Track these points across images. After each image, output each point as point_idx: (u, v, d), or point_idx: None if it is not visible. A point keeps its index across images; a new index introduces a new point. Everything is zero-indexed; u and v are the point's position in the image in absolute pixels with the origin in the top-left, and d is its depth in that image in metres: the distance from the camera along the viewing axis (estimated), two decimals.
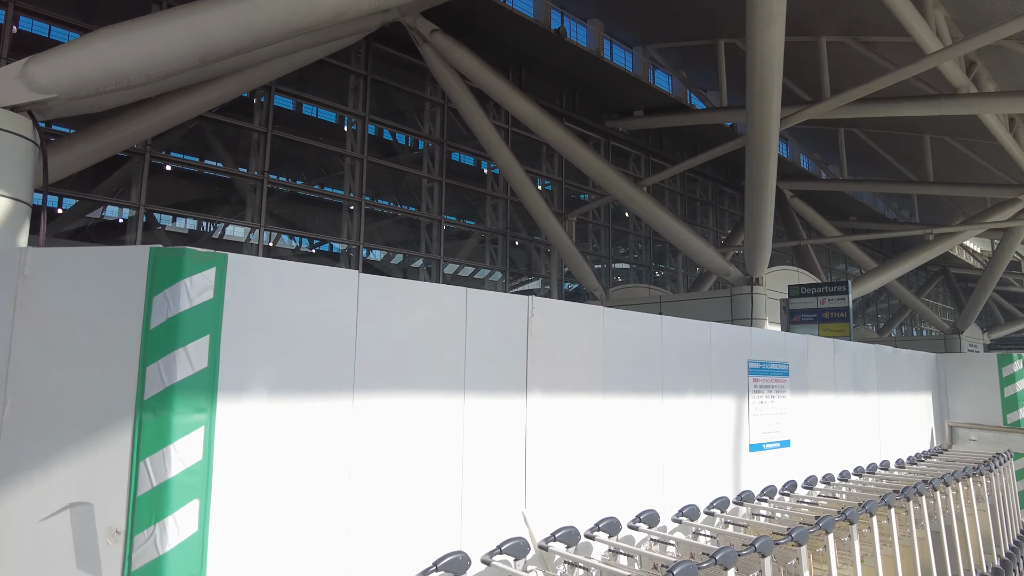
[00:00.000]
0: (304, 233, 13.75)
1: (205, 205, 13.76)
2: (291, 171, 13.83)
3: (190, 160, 12.17)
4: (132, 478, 2.24)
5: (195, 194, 14.03)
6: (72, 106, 6.86)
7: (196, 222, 13.99)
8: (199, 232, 13.92)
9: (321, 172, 15.76)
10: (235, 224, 13.00)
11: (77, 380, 2.37)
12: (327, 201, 14.92)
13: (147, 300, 2.31)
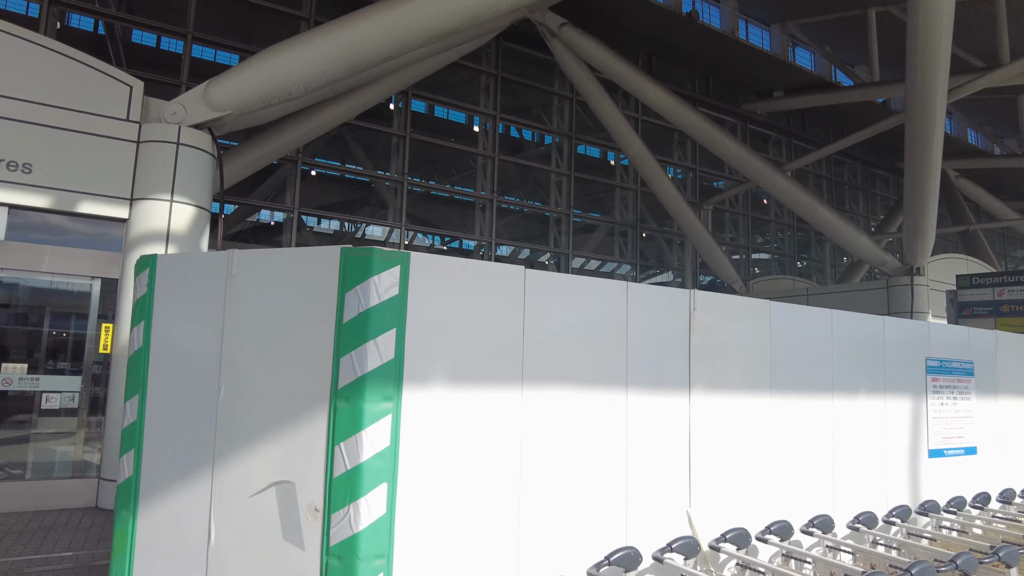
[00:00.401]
0: (439, 231, 14.30)
1: (347, 207, 14.71)
2: (425, 172, 14.43)
3: (335, 165, 13.02)
4: (328, 461, 2.45)
5: (338, 196, 15.04)
6: (240, 121, 7.58)
7: (339, 223, 14.99)
8: (341, 232, 14.91)
9: (452, 172, 16.33)
10: (378, 224, 13.79)
11: (279, 369, 2.62)
12: (457, 200, 15.45)
13: (340, 296, 2.51)
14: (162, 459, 2.80)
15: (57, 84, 6.63)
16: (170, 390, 2.82)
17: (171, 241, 6.78)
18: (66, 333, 7.54)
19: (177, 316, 2.83)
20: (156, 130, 6.86)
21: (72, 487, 6.64)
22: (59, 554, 5.33)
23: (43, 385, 6.61)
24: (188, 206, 6.88)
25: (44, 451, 7.10)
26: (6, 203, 6.42)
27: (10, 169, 6.40)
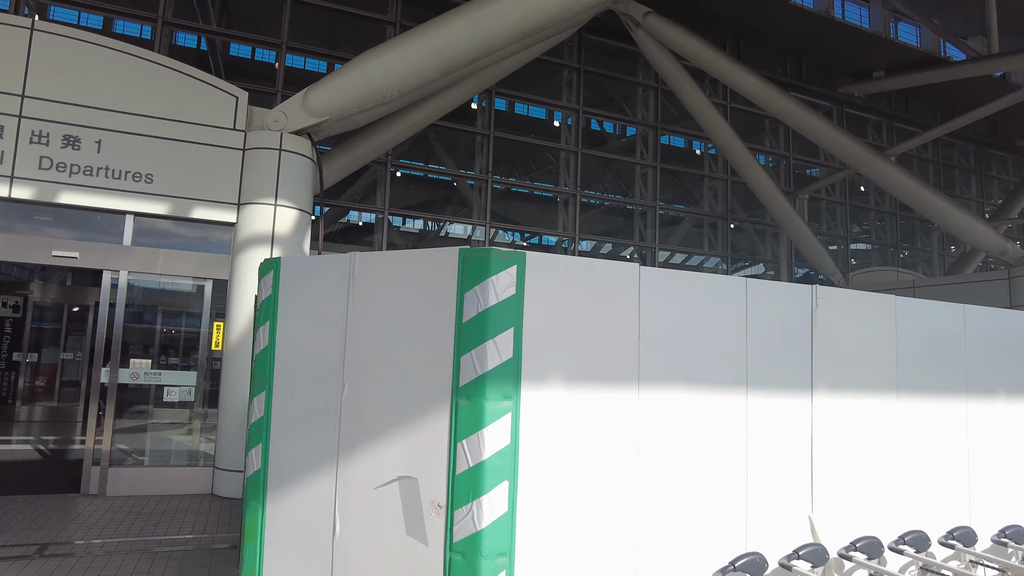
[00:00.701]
0: (520, 227, 14.35)
1: (431, 206, 15.00)
2: (505, 170, 14.49)
3: (420, 165, 13.28)
4: (451, 458, 2.49)
5: (423, 196, 15.36)
6: (337, 126, 7.85)
7: (422, 222, 15.32)
8: (424, 231, 15.23)
9: (532, 168, 16.34)
10: (461, 222, 14.00)
11: (400, 367, 2.69)
12: (537, 195, 15.45)
13: (459, 296, 2.55)
14: (288, 453, 2.94)
15: (173, 99, 7.09)
16: (295, 387, 2.95)
17: (276, 243, 7.12)
18: (183, 331, 8.08)
19: (301, 316, 2.95)
20: (260, 137, 7.22)
21: (190, 474, 7.12)
22: (183, 536, 5.72)
23: (164, 379, 7.11)
24: (291, 209, 7.21)
25: (166, 441, 7.64)
26: (132, 211, 6.94)
27: (135, 180, 6.90)
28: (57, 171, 6.68)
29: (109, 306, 6.88)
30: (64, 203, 6.72)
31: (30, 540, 5.34)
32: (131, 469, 6.98)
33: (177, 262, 7.14)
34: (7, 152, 6.55)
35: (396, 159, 12.52)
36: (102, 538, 5.50)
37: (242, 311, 7.02)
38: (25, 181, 6.59)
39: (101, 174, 6.81)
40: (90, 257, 6.86)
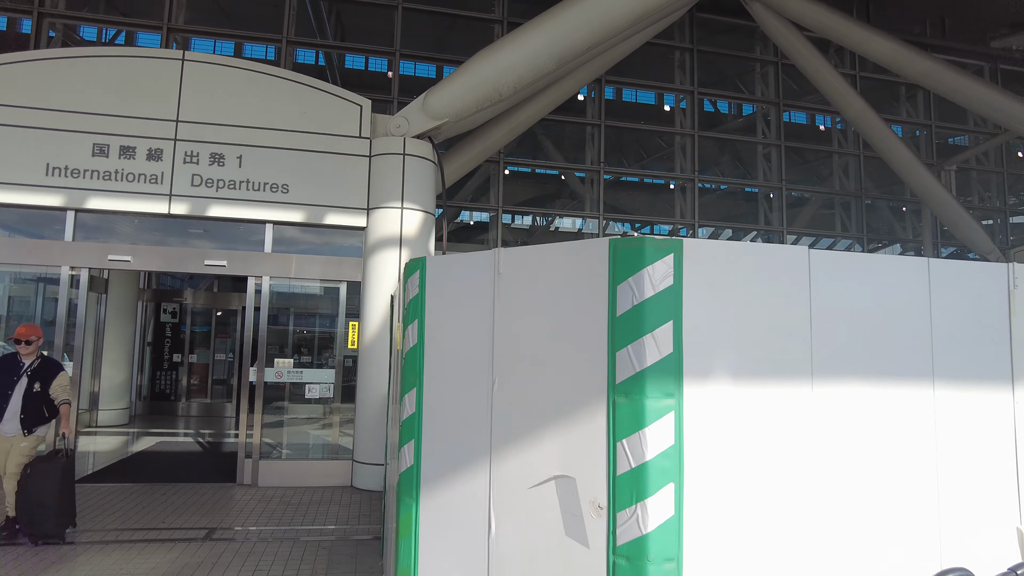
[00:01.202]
0: (633, 217, 14.01)
1: (541, 201, 14.97)
2: (614, 159, 14.18)
3: (534, 162, 13.28)
4: (611, 458, 2.39)
5: (533, 192, 15.38)
6: (455, 127, 7.96)
7: (531, 218, 15.32)
8: (534, 227, 15.23)
9: (642, 155, 15.91)
10: (575, 216, 13.88)
11: (551, 363, 2.62)
12: (647, 183, 15.03)
13: (611, 289, 2.44)
14: (440, 450, 2.95)
15: (303, 112, 7.48)
16: (445, 384, 2.95)
17: (404, 244, 7.34)
18: (321, 331, 8.53)
19: (448, 314, 2.96)
20: (384, 143, 7.47)
21: (331, 467, 7.49)
22: (328, 526, 6.01)
23: (305, 377, 7.52)
24: (416, 211, 7.40)
25: (308, 435, 8.10)
26: (271, 220, 7.40)
27: (272, 191, 7.35)
28: (206, 187, 7.24)
29: (254, 310, 7.38)
30: (213, 216, 7.27)
31: (199, 524, 5.81)
32: (278, 462, 7.45)
33: (313, 266, 7.53)
34: (165, 173, 7.17)
35: (506, 157, 12.59)
36: (258, 525, 5.89)
37: (375, 311, 7.30)
38: (181, 198, 7.19)
39: (243, 187, 7.30)
40: (236, 264, 7.38)
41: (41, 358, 5.50)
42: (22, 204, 6.97)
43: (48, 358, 5.57)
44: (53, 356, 6.92)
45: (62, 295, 7.04)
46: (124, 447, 9.14)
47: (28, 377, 5.34)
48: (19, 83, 7.00)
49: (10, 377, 5.33)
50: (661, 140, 15.09)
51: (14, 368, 5.38)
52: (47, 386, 5.37)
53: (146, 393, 12.41)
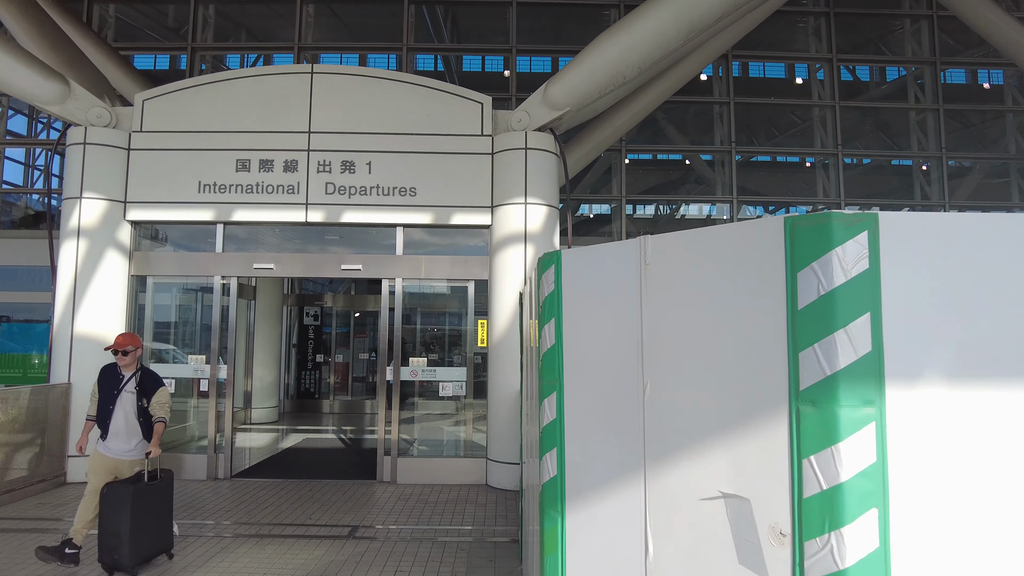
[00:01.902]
0: (767, 199, 13.01)
1: (664, 189, 14.28)
2: (743, 139, 13.20)
3: (664, 146, 12.68)
4: (795, 477, 2.00)
5: (654, 180, 14.73)
6: (577, 116, 7.66)
7: (654, 207, 14.66)
8: (658, 216, 14.56)
9: (773, 133, 14.77)
10: (705, 202, 13.12)
11: (714, 365, 2.27)
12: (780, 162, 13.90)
13: (789, 277, 2.05)
14: (586, 459, 2.69)
15: (426, 114, 7.50)
16: (589, 387, 2.69)
17: (528, 240, 7.15)
18: (450, 330, 8.57)
19: (589, 311, 2.68)
20: (506, 139, 7.32)
21: (465, 465, 7.46)
22: (465, 527, 5.94)
23: (439, 376, 7.55)
24: (540, 206, 7.19)
25: (443, 433, 8.15)
26: (401, 223, 7.49)
27: (401, 195, 7.43)
28: (339, 194, 7.45)
29: (388, 311, 7.50)
30: (346, 222, 7.47)
31: (343, 522, 5.95)
32: (416, 459, 7.53)
33: (442, 266, 7.54)
34: (301, 183, 7.46)
35: (628, 144, 12.11)
36: (397, 524, 5.93)
37: (503, 308, 7.18)
38: (316, 206, 7.45)
39: (373, 192, 7.44)
40: (370, 268, 7.54)
41: (141, 370, 4.99)
42: (180, 220, 7.52)
43: (148, 371, 5.05)
44: (211, 359, 7.42)
45: (215, 302, 7.53)
46: (275, 443, 9.71)
47: (134, 393, 4.84)
48: (174, 110, 7.56)
49: (111, 391, 4.85)
50: (794, 115, 13.92)
51: (114, 381, 4.89)
52: (149, 401, 4.87)
53: (293, 392, 13.21)
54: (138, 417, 4.83)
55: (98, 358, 7.13)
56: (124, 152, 7.49)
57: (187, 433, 8.21)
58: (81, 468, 7.04)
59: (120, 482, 4.63)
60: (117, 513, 4.47)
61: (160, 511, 4.78)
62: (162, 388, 4.95)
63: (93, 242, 7.24)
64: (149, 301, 7.74)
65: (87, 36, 9.88)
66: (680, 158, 13.72)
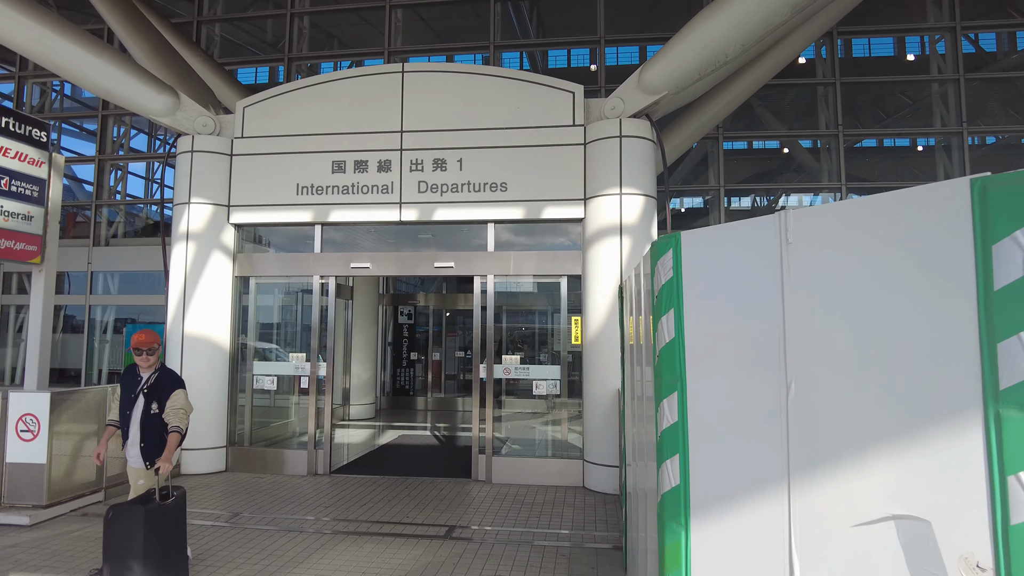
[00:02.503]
0: (882, 185, 11.94)
1: (760, 179, 13.46)
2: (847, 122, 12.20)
3: (764, 132, 11.93)
4: (997, 498, 1.61)
5: (750, 170, 13.91)
6: (673, 101, 7.23)
7: (750, 199, 13.82)
8: (755, 208, 13.70)
9: (880, 116, 13.59)
10: (809, 192, 12.24)
11: (878, 361, 1.90)
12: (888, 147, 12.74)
13: (978, 251, 1.66)
14: (715, 468, 2.36)
15: (515, 107, 7.30)
16: (716, 386, 2.36)
17: (624, 233, 6.81)
18: (542, 327, 8.34)
19: (716, 299, 2.36)
20: (599, 128, 7.00)
21: (560, 466, 7.20)
22: (563, 531, 5.68)
23: (532, 374, 7.33)
24: (636, 196, 6.83)
25: (536, 432, 7.93)
26: (492, 219, 7.32)
27: (492, 190, 7.27)
28: (431, 192, 7.38)
29: (480, 309, 7.36)
30: (439, 220, 7.39)
31: (440, 521, 5.83)
32: (511, 459, 7.34)
33: (533, 262, 7.32)
34: (395, 182, 7.45)
35: (724, 133, 11.46)
36: (494, 525, 5.75)
37: (597, 304, 6.87)
38: (410, 205, 7.41)
39: (464, 189, 7.32)
40: (462, 265, 7.43)
41: (159, 370, 4.44)
42: (280, 222, 7.70)
43: (166, 369, 4.50)
44: (310, 358, 7.54)
45: (314, 302, 7.65)
46: (372, 440, 9.82)
47: (145, 395, 4.34)
48: (272, 115, 7.75)
49: (128, 394, 4.40)
50: (903, 95, 12.77)
51: (133, 383, 4.42)
52: (164, 405, 4.31)
53: (388, 389, 13.41)
54: (142, 422, 4.30)
55: (207, 358, 7.41)
56: (227, 158, 7.75)
57: (289, 429, 8.42)
58: (196, 460, 7.34)
59: (128, 503, 3.99)
60: (125, 540, 3.79)
61: (174, 535, 4.07)
62: (179, 391, 4.35)
63: (200, 245, 7.53)
64: (252, 301, 7.98)
65: (196, 54, 10.38)
66: (777, 146, 12.89)
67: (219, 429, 7.51)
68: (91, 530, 5.44)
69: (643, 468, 4.02)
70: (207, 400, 7.37)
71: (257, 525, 5.65)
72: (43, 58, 6.99)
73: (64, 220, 13.56)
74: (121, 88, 7.20)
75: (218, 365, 7.51)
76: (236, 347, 7.76)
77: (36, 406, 5.72)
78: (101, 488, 6.24)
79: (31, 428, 5.68)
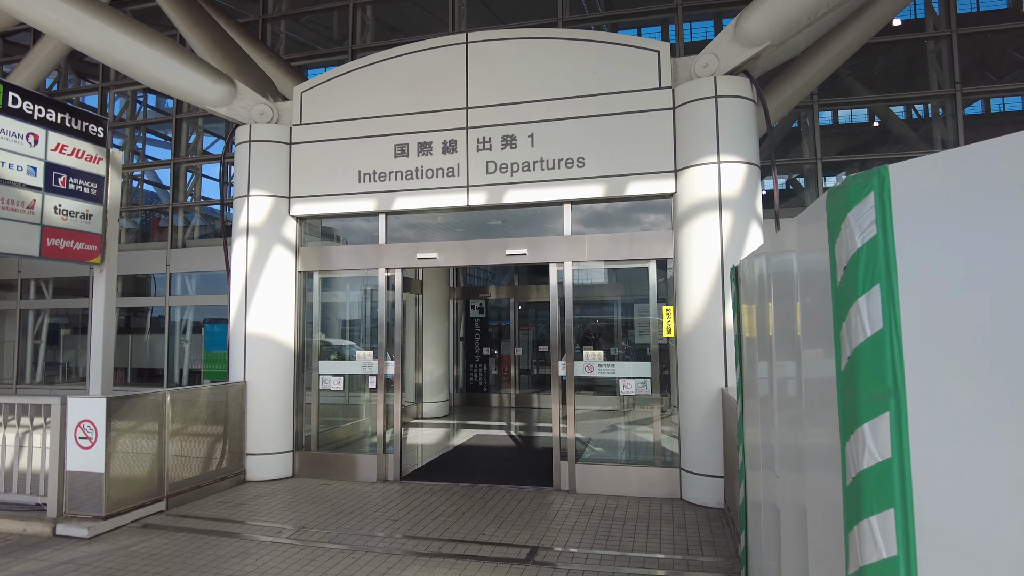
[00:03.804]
0: None
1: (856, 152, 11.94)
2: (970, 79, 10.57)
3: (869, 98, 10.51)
4: None
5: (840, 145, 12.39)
6: (775, 55, 6.15)
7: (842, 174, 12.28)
8: None
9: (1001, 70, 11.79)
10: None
11: None
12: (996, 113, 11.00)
13: None
14: (963, 533, 1.44)
15: (594, 72, 6.41)
16: (969, 400, 1.45)
17: (724, 208, 5.81)
18: (626, 318, 7.41)
19: (955, 269, 1.44)
20: (690, 89, 6.01)
21: (654, 475, 6.28)
22: (662, 555, 4.79)
23: (617, 371, 6.43)
24: (737, 164, 5.81)
25: (624, 435, 7.03)
26: (568, 199, 6.47)
27: (567, 167, 6.42)
28: (500, 172, 6.60)
29: (558, 299, 6.53)
30: (510, 203, 6.60)
31: (519, 540, 5.06)
32: (596, 466, 6.47)
33: (616, 246, 6.41)
34: (461, 164, 6.71)
35: (820, 101, 10.14)
36: (582, 547, 4.92)
37: (693, 291, 5.90)
38: (477, 188, 6.66)
39: (537, 167, 6.50)
40: (536, 252, 6.62)
41: None
42: (342, 212, 7.12)
43: None
44: (377, 356, 6.93)
45: (380, 296, 7.03)
46: (445, 440, 9.17)
47: None
48: (330, 99, 7.17)
49: None
50: (1017, 52, 11.01)
51: None
52: None
53: (462, 385, 12.79)
54: None
55: (271, 357, 6.91)
56: (286, 147, 7.23)
57: (359, 430, 7.87)
58: (261, 466, 6.86)
59: None
60: None
61: None
62: None
63: (261, 240, 7.04)
64: (316, 298, 7.44)
65: (260, 50, 10.01)
66: (865, 120, 11.44)
67: (285, 432, 7.01)
68: (148, 544, 4.97)
69: (767, 477, 3.11)
70: (272, 401, 6.88)
71: (320, 542, 5.04)
72: (101, 52, 6.66)
73: (149, 225, 13.68)
74: (176, 78, 6.78)
75: (282, 364, 7.01)
76: (301, 345, 7.25)
77: (93, 412, 5.32)
78: (163, 496, 5.81)
79: (88, 435, 5.29)
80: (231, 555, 4.74)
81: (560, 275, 6.55)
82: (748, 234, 5.82)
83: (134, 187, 13.86)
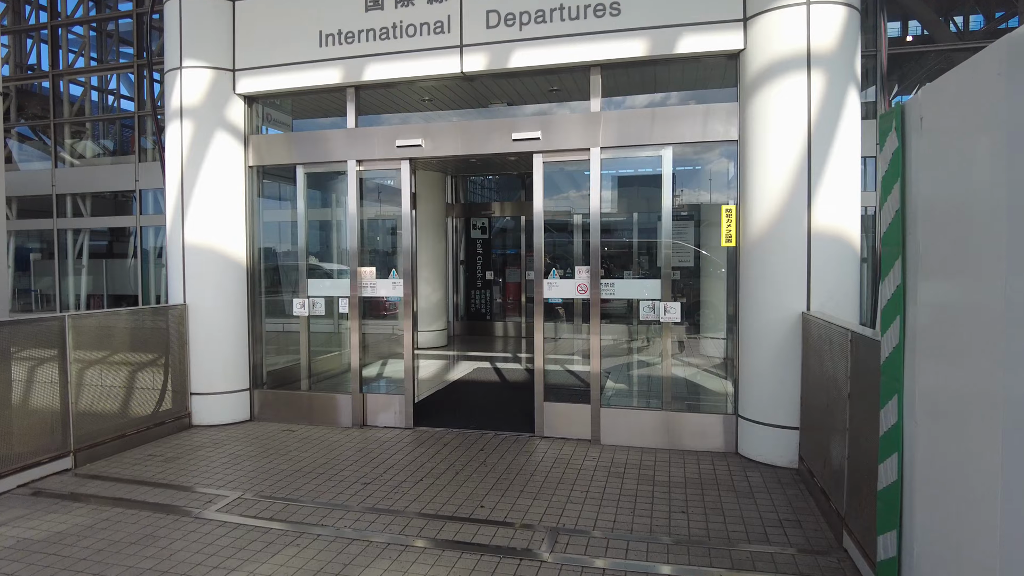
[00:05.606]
0: None
1: None
2: None
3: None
4: None
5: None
6: None
7: None
8: None
9: None
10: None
11: None
12: None
13: None
14: None
15: None
16: None
17: (813, 66, 4.06)
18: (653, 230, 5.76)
19: None
20: None
21: (701, 424, 4.79)
22: (731, 546, 3.37)
23: (646, 291, 4.84)
24: (833, 5, 4.01)
25: (660, 372, 5.51)
26: (598, 61, 4.70)
27: (597, 16, 4.62)
28: (505, 25, 4.81)
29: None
30: (517, 67, 4.84)
31: (531, 518, 3.64)
32: (629, 412, 4.99)
33: (661, 125, 4.70)
34: (452, 16, 4.92)
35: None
36: (617, 530, 3.50)
37: (766, 182, 4.24)
38: (474, 48, 4.89)
39: (555, 17, 4.71)
40: (553, 135, 4.91)
41: None
42: (300, 88, 5.38)
43: None
44: (350, 272, 5.35)
45: (351, 198, 5.39)
46: (442, 374, 7.74)
47: None
48: None
49: None
50: None
51: None
52: None
53: (462, 313, 11.31)
54: None
55: (217, 274, 5.35)
56: (229, 5, 5.42)
57: (338, 364, 6.41)
58: (208, 408, 5.44)
59: None
60: None
61: None
62: None
63: (199, 125, 5.35)
64: (301, 202, 5.80)
65: None
66: None
67: (239, 367, 5.55)
68: (19, 525, 3.57)
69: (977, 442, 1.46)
70: (220, 330, 5.39)
71: (260, 517, 3.63)
72: None
73: (128, 145, 11.87)
74: None
75: (232, 283, 5.47)
76: (256, 259, 5.68)
77: None
78: (68, 451, 4.39)
79: None
80: (132, 539, 3.33)
81: (586, 169, 4.87)
82: (845, 105, 4.11)
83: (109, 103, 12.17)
